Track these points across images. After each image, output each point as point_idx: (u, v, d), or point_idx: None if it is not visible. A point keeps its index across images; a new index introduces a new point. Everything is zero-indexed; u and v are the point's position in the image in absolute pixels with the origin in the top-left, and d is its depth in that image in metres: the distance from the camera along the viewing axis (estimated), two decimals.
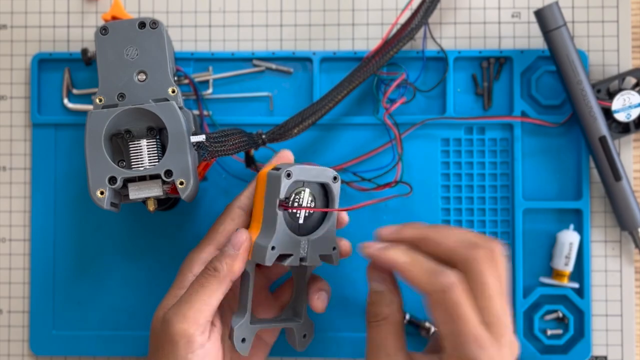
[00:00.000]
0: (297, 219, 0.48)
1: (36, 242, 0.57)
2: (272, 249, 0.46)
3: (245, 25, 0.58)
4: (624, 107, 0.53)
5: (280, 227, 0.47)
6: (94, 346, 0.57)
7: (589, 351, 0.56)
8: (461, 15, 0.58)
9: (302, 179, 0.47)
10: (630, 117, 0.54)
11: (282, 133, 0.52)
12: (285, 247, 0.47)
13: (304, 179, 0.48)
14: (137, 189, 0.47)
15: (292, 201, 0.47)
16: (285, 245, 0.47)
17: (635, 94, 0.54)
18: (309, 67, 0.58)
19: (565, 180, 0.57)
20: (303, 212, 0.48)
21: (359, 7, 0.58)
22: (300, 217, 0.48)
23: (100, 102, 0.48)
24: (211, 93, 0.57)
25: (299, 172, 0.47)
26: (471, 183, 0.57)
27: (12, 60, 0.58)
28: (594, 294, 0.57)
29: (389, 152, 0.56)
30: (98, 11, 0.58)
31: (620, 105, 0.54)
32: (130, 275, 0.57)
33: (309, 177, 0.48)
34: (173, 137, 0.47)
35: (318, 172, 0.48)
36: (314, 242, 0.48)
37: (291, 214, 0.48)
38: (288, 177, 0.47)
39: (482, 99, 0.57)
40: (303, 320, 0.50)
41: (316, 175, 0.48)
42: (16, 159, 0.58)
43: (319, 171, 0.48)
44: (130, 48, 0.49)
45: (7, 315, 0.58)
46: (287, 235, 0.47)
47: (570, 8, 0.58)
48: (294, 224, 0.48)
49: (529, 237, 0.57)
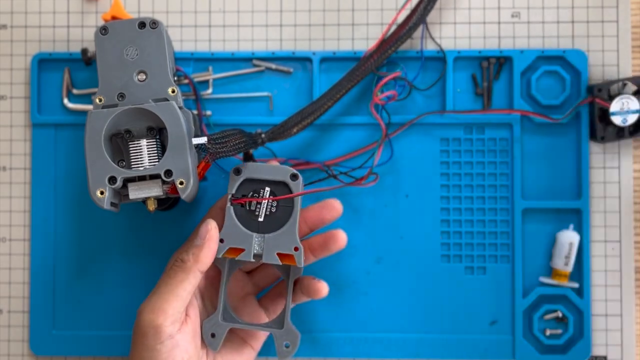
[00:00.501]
0: (256, 217, 0.49)
1: (36, 242, 0.57)
2: (220, 241, 0.48)
3: (245, 25, 0.58)
4: (622, 111, 0.53)
5: (230, 221, 0.48)
6: (94, 346, 0.57)
7: (589, 351, 0.56)
8: (461, 15, 0.58)
9: (255, 176, 0.49)
10: (627, 122, 0.54)
11: (282, 132, 0.52)
12: (235, 241, 0.48)
13: (257, 176, 0.49)
14: (137, 188, 0.47)
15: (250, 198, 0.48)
16: (236, 240, 0.48)
17: (634, 100, 0.54)
18: (309, 67, 0.58)
19: (565, 180, 0.57)
20: (263, 210, 0.49)
21: (359, 7, 0.58)
22: (260, 215, 0.49)
23: (100, 102, 0.48)
24: (211, 93, 0.57)
25: (250, 170, 0.48)
26: (471, 183, 0.57)
27: (12, 60, 0.58)
28: (593, 293, 0.57)
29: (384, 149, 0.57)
30: (98, 11, 0.58)
31: (618, 108, 0.54)
32: (130, 275, 0.57)
33: (264, 174, 0.49)
34: (173, 137, 0.47)
35: (275, 170, 0.49)
36: (272, 240, 0.48)
37: (250, 212, 0.48)
38: (237, 174, 0.48)
39: (482, 99, 0.57)
40: (285, 328, 0.50)
41: (272, 173, 0.49)
42: (16, 159, 0.58)
43: (277, 169, 0.49)
44: (130, 48, 0.49)
45: (7, 315, 0.58)
46: (238, 230, 0.48)
47: (570, 8, 0.58)
48: (253, 222, 0.49)
49: (528, 237, 0.57)
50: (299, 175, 0.49)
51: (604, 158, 0.57)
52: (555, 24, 0.58)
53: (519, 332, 0.56)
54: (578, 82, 0.57)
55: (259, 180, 0.49)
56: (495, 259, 0.57)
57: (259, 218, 0.49)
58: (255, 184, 0.49)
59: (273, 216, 0.49)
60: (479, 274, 0.57)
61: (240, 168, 0.48)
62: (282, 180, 0.49)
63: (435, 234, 0.57)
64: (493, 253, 0.57)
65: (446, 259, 0.57)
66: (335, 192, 0.56)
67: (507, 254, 0.57)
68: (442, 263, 0.57)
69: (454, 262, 0.57)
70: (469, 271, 0.57)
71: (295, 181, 0.49)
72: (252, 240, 0.48)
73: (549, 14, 0.58)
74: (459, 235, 0.57)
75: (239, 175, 0.48)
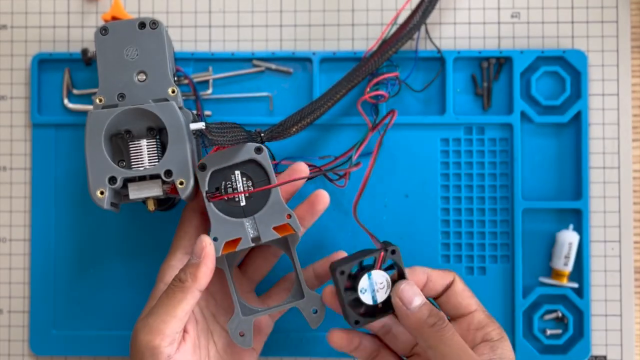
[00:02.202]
0: (237, 202, 0.48)
1: (36, 242, 0.57)
2: (214, 239, 0.47)
3: (245, 25, 0.58)
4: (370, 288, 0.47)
5: (215, 217, 0.47)
6: (94, 346, 0.57)
7: (588, 351, 0.56)
8: (461, 16, 0.58)
9: (222, 165, 0.48)
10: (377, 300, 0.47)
11: (281, 132, 0.52)
12: (229, 233, 0.47)
13: (224, 164, 0.48)
14: (137, 189, 0.47)
15: (224, 188, 0.48)
16: (228, 232, 0.47)
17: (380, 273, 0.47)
18: (309, 67, 0.58)
19: (565, 180, 0.57)
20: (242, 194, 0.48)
21: (359, 7, 0.58)
22: (240, 200, 0.48)
23: (100, 102, 0.48)
24: (211, 93, 0.57)
25: (213, 160, 0.48)
26: (471, 183, 0.57)
27: (12, 61, 0.58)
28: (593, 293, 0.57)
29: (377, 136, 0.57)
30: (98, 11, 0.58)
31: (366, 285, 0.47)
32: (130, 275, 0.57)
33: (229, 160, 0.48)
34: (173, 137, 0.47)
35: (238, 151, 0.48)
36: (262, 218, 0.48)
37: (229, 200, 0.48)
38: (203, 169, 0.48)
39: (481, 99, 0.57)
40: (306, 296, 0.49)
41: (237, 155, 0.48)
42: (16, 159, 0.58)
43: (238, 150, 0.48)
44: (130, 48, 0.49)
45: (7, 315, 0.58)
46: (226, 222, 0.47)
47: (570, 8, 0.58)
48: (236, 209, 0.48)
49: (528, 237, 0.57)
50: (263, 147, 0.48)
51: (603, 158, 0.57)
52: (555, 24, 0.58)
53: (519, 332, 0.56)
54: (578, 82, 0.57)
55: (226, 167, 0.48)
56: (495, 259, 0.57)
57: (241, 203, 0.48)
58: (224, 171, 0.48)
59: (253, 196, 0.48)
60: (479, 274, 0.57)
61: (204, 163, 0.47)
62: (248, 158, 0.48)
63: (435, 234, 0.57)
64: (493, 253, 0.57)
65: (446, 259, 0.57)
66: (333, 188, 0.56)
67: (507, 254, 0.57)
68: (442, 263, 0.57)
69: (454, 262, 0.57)
70: (469, 271, 0.57)
71: (261, 154, 0.48)
72: (245, 226, 0.48)
73: (549, 14, 0.58)
74: (459, 235, 0.57)
75: (205, 170, 0.48)
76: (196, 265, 0.46)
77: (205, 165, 0.48)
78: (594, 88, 0.57)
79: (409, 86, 0.57)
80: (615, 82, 0.57)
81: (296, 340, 0.56)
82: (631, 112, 0.57)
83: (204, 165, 0.48)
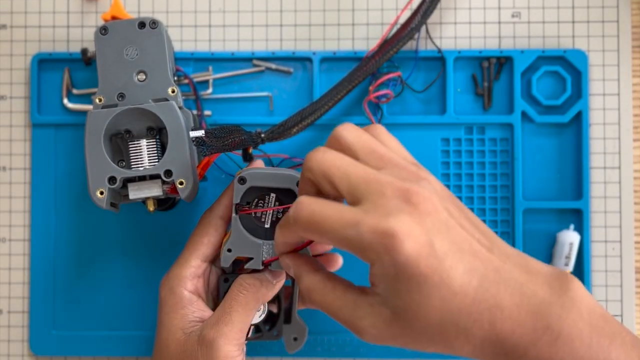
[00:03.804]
0: (262, 223, 0.48)
1: (36, 242, 0.57)
2: (228, 251, 0.47)
3: (245, 25, 0.58)
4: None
5: (237, 230, 0.47)
6: (94, 346, 0.57)
7: None
8: (461, 15, 0.58)
9: (260, 184, 0.47)
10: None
11: (281, 132, 0.52)
12: (244, 250, 0.47)
13: (262, 184, 0.47)
14: (136, 189, 0.47)
15: (254, 205, 0.47)
16: (244, 249, 0.47)
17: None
18: (309, 67, 0.57)
19: (565, 180, 0.57)
20: (270, 216, 0.48)
21: (359, 7, 0.58)
22: (266, 222, 0.48)
23: (100, 102, 0.48)
24: (211, 93, 0.57)
25: (255, 178, 0.47)
26: (471, 183, 0.57)
27: (12, 60, 0.58)
28: (594, 294, 0.57)
29: None
30: (98, 11, 0.58)
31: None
32: (130, 275, 0.57)
33: (269, 182, 0.47)
34: (173, 137, 0.47)
35: (281, 177, 0.47)
36: None
37: (256, 219, 0.47)
38: (242, 183, 0.47)
39: (482, 99, 0.57)
40: (293, 322, 0.51)
41: (278, 180, 0.47)
42: (16, 159, 0.58)
43: (282, 176, 0.47)
44: (130, 48, 0.49)
45: (7, 315, 0.58)
46: (245, 239, 0.47)
47: (571, 8, 0.58)
48: (259, 228, 0.47)
49: (529, 237, 0.57)
50: None
51: (604, 158, 0.57)
52: (555, 24, 0.58)
53: None
54: (579, 82, 0.57)
55: (264, 187, 0.47)
56: None
57: (266, 224, 0.48)
58: (260, 190, 0.47)
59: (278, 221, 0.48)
60: None
61: (244, 177, 0.47)
62: (289, 187, 0.47)
63: None
64: None
65: None
66: None
67: None
68: None
69: None
70: None
71: None
72: (261, 249, 0.47)
73: (550, 14, 0.58)
74: None
75: (244, 184, 0.47)
76: (273, 286, 0.47)
77: (245, 180, 0.47)
78: (595, 88, 0.57)
79: (409, 87, 0.57)
80: (616, 82, 0.57)
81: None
82: (632, 112, 0.57)
83: (244, 179, 0.47)
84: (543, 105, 0.57)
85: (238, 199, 0.47)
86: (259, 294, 0.46)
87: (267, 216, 0.48)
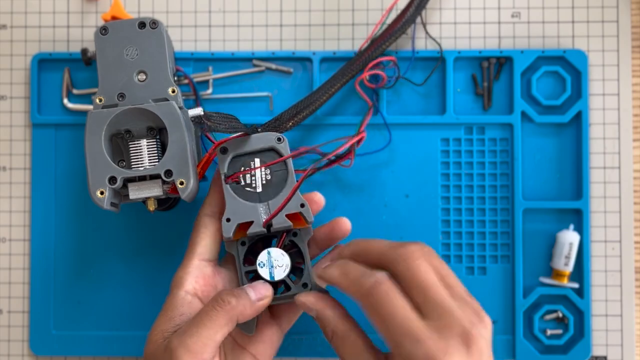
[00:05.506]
0: (254, 188, 0.49)
1: (36, 242, 0.57)
2: (227, 220, 0.48)
3: (245, 25, 0.58)
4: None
5: (231, 199, 0.48)
6: (94, 346, 0.57)
7: (589, 351, 0.56)
8: (461, 15, 0.58)
9: (242, 150, 0.49)
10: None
11: (277, 126, 0.52)
12: (241, 216, 0.48)
13: (244, 150, 0.49)
14: (137, 189, 0.47)
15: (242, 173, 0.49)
16: (241, 215, 0.48)
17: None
18: (309, 67, 0.58)
19: (565, 180, 0.57)
20: (259, 180, 0.49)
21: (359, 7, 0.58)
22: (257, 186, 0.49)
23: (100, 102, 0.48)
24: (211, 93, 0.57)
25: (236, 145, 0.49)
26: (471, 183, 0.57)
27: (12, 60, 0.58)
28: (593, 294, 0.57)
29: (378, 135, 0.57)
30: (98, 11, 0.58)
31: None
32: (130, 275, 0.57)
33: (250, 146, 0.49)
34: (173, 137, 0.47)
35: (260, 139, 0.49)
36: (276, 204, 0.48)
37: (246, 186, 0.49)
38: (224, 152, 0.49)
39: (482, 99, 0.57)
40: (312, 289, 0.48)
41: (258, 142, 0.49)
42: (16, 159, 0.58)
43: (261, 138, 0.49)
44: (130, 48, 0.49)
45: (7, 315, 0.58)
46: (240, 205, 0.48)
47: (571, 8, 0.58)
48: (252, 194, 0.49)
49: (528, 237, 0.57)
50: (284, 137, 0.49)
51: (604, 158, 0.57)
52: (555, 24, 0.58)
53: (519, 332, 0.56)
54: (578, 82, 0.57)
55: (247, 153, 0.49)
56: (496, 259, 0.57)
57: (257, 189, 0.49)
58: (243, 158, 0.49)
59: (270, 184, 0.49)
60: (479, 274, 0.57)
61: (226, 147, 0.49)
62: (269, 146, 0.49)
63: (435, 234, 0.57)
64: (493, 253, 0.57)
65: (447, 259, 0.57)
66: (333, 188, 0.56)
67: (508, 254, 0.57)
68: None
69: (454, 262, 0.57)
70: (470, 271, 0.57)
71: (281, 143, 0.49)
72: (258, 210, 0.48)
73: (549, 14, 0.58)
74: (459, 235, 0.57)
75: (227, 153, 0.49)
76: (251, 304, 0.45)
77: (227, 149, 0.49)
78: (595, 88, 0.57)
79: (409, 80, 0.57)
80: (616, 82, 0.57)
81: (296, 341, 0.56)
82: (632, 112, 0.57)
83: (225, 149, 0.49)
84: (543, 105, 0.57)
85: (224, 168, 0.49)
86: (233, 312, 0.44)
87: (256, 180, 0.49)
